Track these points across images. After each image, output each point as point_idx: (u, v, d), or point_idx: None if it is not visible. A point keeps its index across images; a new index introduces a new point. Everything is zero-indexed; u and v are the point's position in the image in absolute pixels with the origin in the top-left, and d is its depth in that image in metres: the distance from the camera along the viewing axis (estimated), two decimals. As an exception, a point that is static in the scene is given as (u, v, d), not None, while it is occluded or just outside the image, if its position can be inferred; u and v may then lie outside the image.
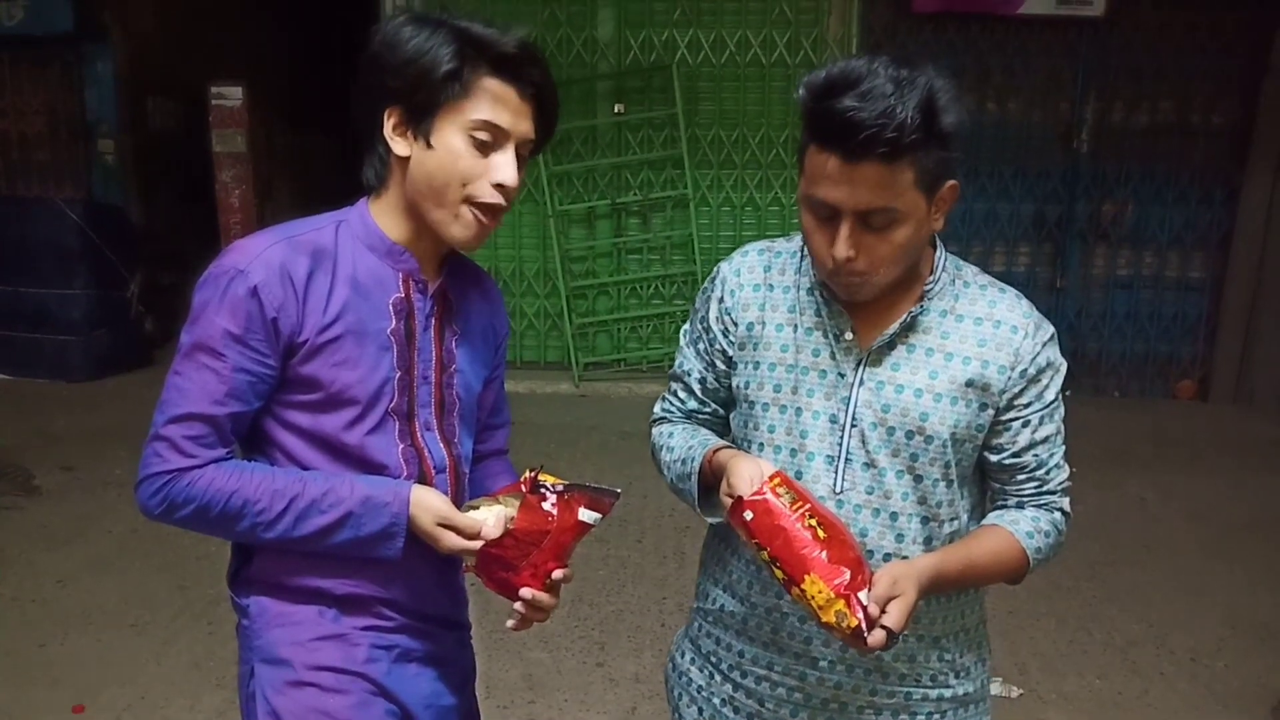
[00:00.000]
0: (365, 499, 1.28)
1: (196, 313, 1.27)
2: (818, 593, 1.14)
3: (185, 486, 1.25)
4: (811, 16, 6.22)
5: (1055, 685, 3.16)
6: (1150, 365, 6.67)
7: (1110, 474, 5.04)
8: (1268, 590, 3.85)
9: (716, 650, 1.47)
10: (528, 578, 1.31)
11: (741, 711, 1.44)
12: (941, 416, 1.30)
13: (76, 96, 7.12)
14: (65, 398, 6.12)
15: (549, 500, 1.30)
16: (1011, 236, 6.54)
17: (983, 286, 1.36)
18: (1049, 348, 1.33)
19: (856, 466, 1.32)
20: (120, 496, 4.32)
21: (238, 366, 1.25)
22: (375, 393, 1.31)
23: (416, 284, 1.35)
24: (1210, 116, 6.36)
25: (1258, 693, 3.11)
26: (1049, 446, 1.35)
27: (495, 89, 1.27)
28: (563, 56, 6.28)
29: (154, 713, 2.89)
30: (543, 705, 2.97)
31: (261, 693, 1.36)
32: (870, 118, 1.12)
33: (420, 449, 1.36)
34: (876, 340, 1.31)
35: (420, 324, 1.36)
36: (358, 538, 1.28)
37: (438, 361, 1.38)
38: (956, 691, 1.41)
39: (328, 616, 1.35)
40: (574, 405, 6.07)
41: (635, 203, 6.46)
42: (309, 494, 1.27)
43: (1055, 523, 1.37)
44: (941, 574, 1.25)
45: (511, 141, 1.28)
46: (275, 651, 1.35)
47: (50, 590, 3.61)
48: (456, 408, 1.42)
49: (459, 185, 1.27)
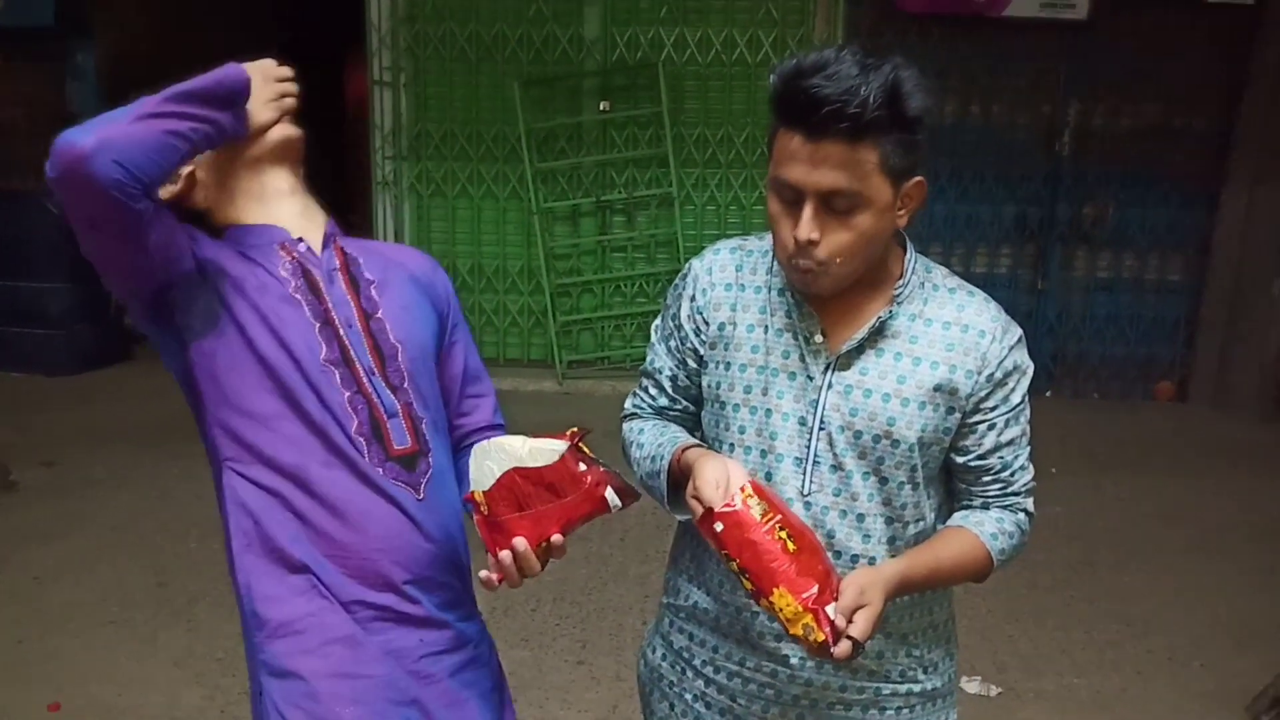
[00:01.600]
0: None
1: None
2: (786, 605, 1.15)
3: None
4: (797, 16, 6.24)
5: (1034, 684, 3.19)
6: (1130, 367, 6.72)
7: (1089, 475, 5.08)
8: (1247, 590, 3.89)
9: (689, 646, 1.48)
10: (528, 526, 1.26)
11: (714, 707, 1.45)
12: (909, 421, 1.30)
13: (58, 90, 7.06)
14: (45, 392, 6.07)
15: (584, 465, 1.27)
16: (993, 238, 6.57)
17: (952, 290, 1.36)
18: (1016, 351, 1.34)
19: (824, 469, 1.33)
20: (100, 493, 4.30)
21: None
22: (301, 346, 1.33)
23: (294, 244, 1.40)
24: (1192, 121, 6.40)
25: (1235, 691, 3.14)
26: (1014, 449, 1.36)
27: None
28: (549, 53, 6.27)
29: (131, 711, 2.87)
30: (524, 703, 2.97)
31: (274, 707, 1.31)
32: (834, 94, 1.13)
33: (368, 394, 1.35)
34: (846, 344, 1.31)
35: (324, 277, 1.39)
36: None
37: (359, 310, 1.39)
38: (925, 686, 1.43)
39: (334, 617, 1.30)
40: (557, 403, 6.07)
41: (620, 201, 6.46)
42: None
43: (1019, 523, 1.38)
44: (908, 578, 1.25)
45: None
46: (283, 664, 1.31)
47: (28, 587, 3.59)
48: (399, 354, 1.40)
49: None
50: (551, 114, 6.34)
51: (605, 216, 6.53)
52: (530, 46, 6.27)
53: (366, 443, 1.33)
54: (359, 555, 1.32)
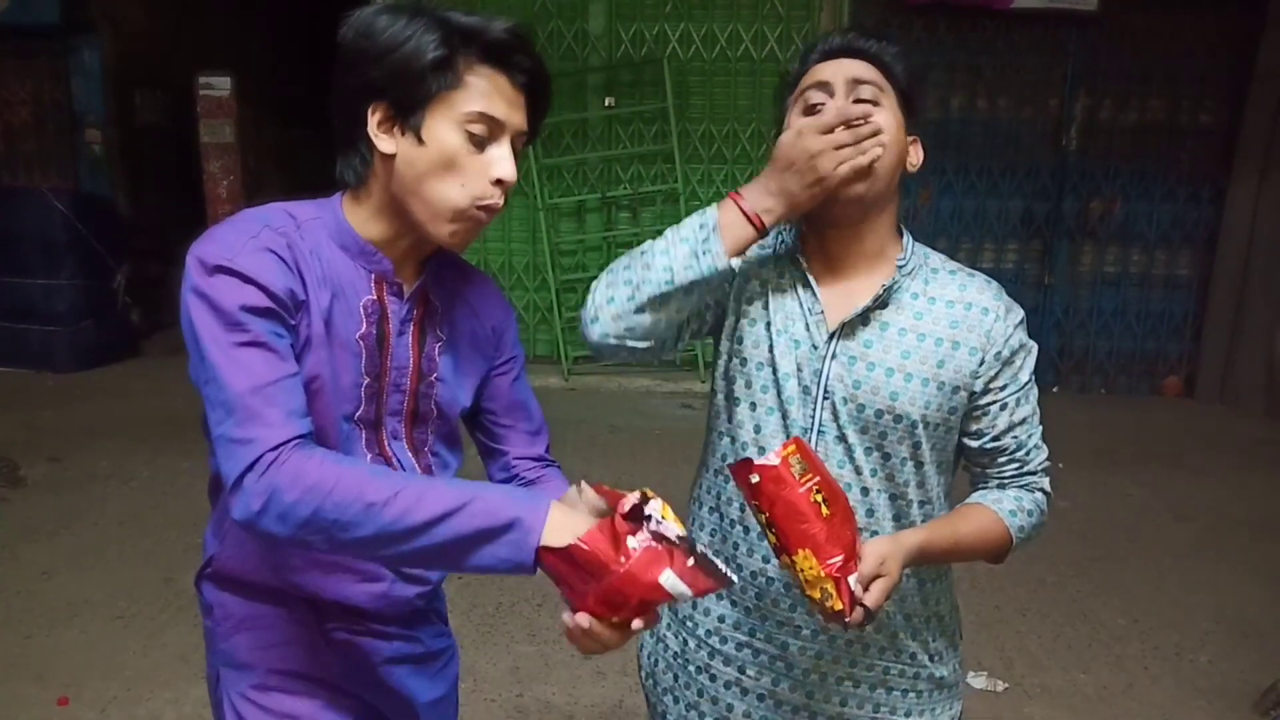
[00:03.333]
0: (494, 489, 1.11)
1: (197, 319, 1.11)
2: (809, 568, 1.14)
3: (293, 467, 1.06)
4: (803, 12, 6.23)
5: (1040, 679, 3.18)
6: (1136, 362, 6.71)
7: (1096, 470, 5.07)
8: (1252, 587, 3.88)
9: (694, 615, 1.47)
10: (592, 604, 1.06)
11: (719, 679, 1.45)
12: (911, 398, 1.31)
13: (63, 87, 7.07)
14: (51, 389, 6.09)
15: (639, 536, 1.02)
16: (1000, 233, 6.56)
17: (952, 272, 1.38)
18: (1020, 330, 1.35)
19: (829, 439, 1.33)
20: (107, 488, 4.31)
21: (271, 332, 1.12)
22: (341, 398, 1.22)
23: (390, 286, 1.25)
24: (1198, 116, 6.39)
25: (1241, 688, 3.13)
26: (1027, 428, 1.36)
27: (488, 78, 1.17)
28: (554, 49, 6.27)
29: (139, 705, 2.88)
30: (530, 697, 2.98)
31: (228, 698, 1.33)
32: (858, 35, 1.33)
33: (388, 458, 1.29)
34: (850, 312, 1.32)
35: (395, 328, 1.26)
36: (488, 526, 1.07)
37: (415, 369, 1.28)
38: (934, 673, 1.43)
39: (292, 618, 1.30)
40: (563, 399, 6.07)
41: (625, 196, 6.45)
42: (427, 480, 1.11)
43: (1037, 502, 1.39)
44: (927, 550, 1.27)
45: (508, 134, 1.19)
46: (239, 655, 1.32)
47: (36, 583, 3.60)
48: (432, 419, 1.32)
49: (466, 189, 1.17)
50: (557, 110, 6.28)
51: (610, 212, 6.53)
52: (535, 42, 6.21)
53: None
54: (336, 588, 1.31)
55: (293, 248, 1.17)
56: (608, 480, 1.31)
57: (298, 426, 1.09)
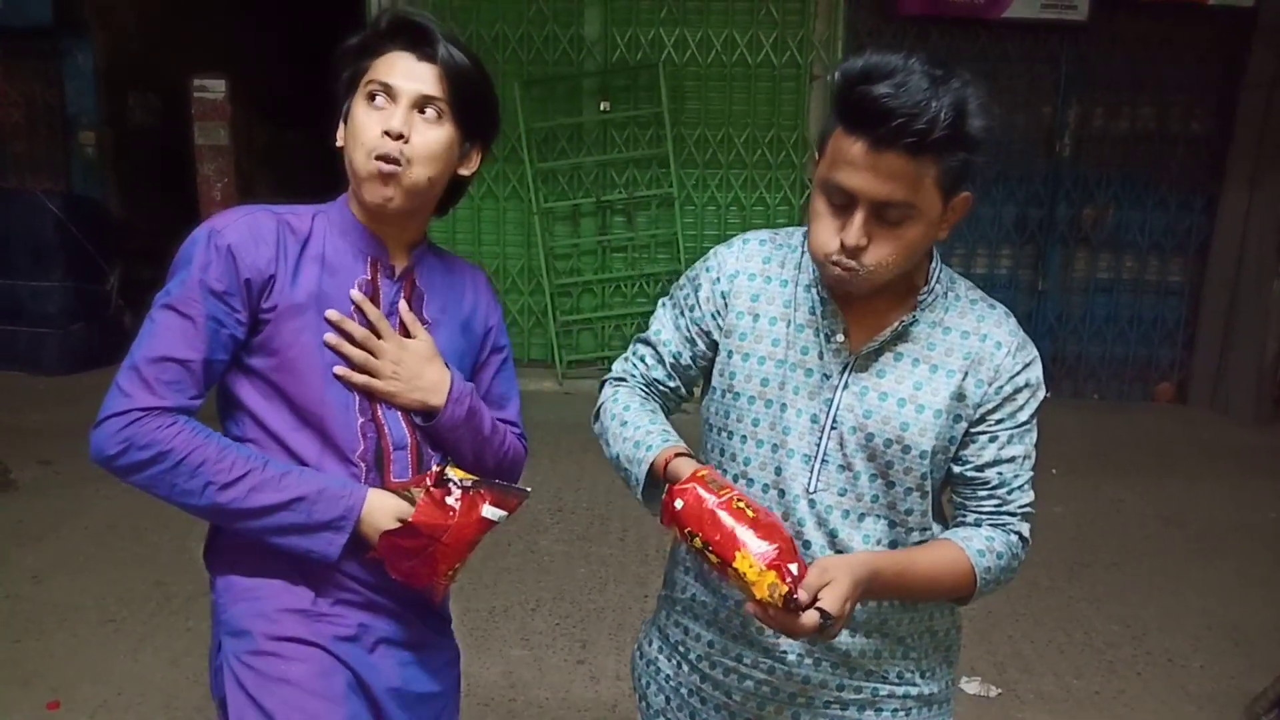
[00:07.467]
0: (322, 489, 1.30)
1: (175, 268, 1.32)
2: (749, 568, 1.14)
3: (153, 429, 1.25)
4: (797, 18, 6.24)
5: (1033, 685, 3.18)
6: (1129, 368, 6.73)
7: (1088, 476, 5.08)
8: (1244, 592, 3.89)
9: (685, 640, 1.47)
10: (440, 562, 1.33)
11: (709, 702, 1.45)
12: (922, 428, 1.29)
13: (56, 89, 7.06)
14: (42, 391, 6.06)
15: (453, 495, 1.31)
16: (993, 239, 6.58)
17: (973, 301, 1.36)
18: (1030, 369, 1.32)
19: (832, 468, 1.32)
20: (98, 492, 4.28)
21: (211, 316, 1.28)
22: (332, 365, 1.34)
23: (384, 269, 1.40)
24: (1189, 124, 6.42)
25: (1232, 693, 3.14)
26: (1014, 467, 1.32)
27: (391, 55, 1.33)
28: (549, 53, 6.28)
29: (129, 710, 2.86)
30: (524, 703, 2.97)
31: (227, 664, 1.36)
32: (903, 107, 1.12)
33: (380, 424, 1.37)
34: (866, 345, 1.31)
35: (384, 308, 1.39)
36: (305, 523, 1.29)
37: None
38: (922, 691, 1.42)
39: (296, 592, 1.35)
40: (557, 403, 6.06)
41: (620, 201, 6.45)
42: (270, 469, 1.30)
43: (1010, 545, 1.33)
44: (877, 571, 1.21)
45: (403, 97, 1.31)
46: (239, 623, 1.36)
47: (25, 586, 3.58)
48: None
49: (363, 146, 1.31)
50: (552, 114, 6.34)
51: (605, 217, 6.53)
52: (530, 46, 6.27)
53: (367, 469, 1.36)
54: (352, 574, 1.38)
55: (287, 226, 1.35)
56: (600, 484, 1.35)
57: (176, 401, 1.27)
